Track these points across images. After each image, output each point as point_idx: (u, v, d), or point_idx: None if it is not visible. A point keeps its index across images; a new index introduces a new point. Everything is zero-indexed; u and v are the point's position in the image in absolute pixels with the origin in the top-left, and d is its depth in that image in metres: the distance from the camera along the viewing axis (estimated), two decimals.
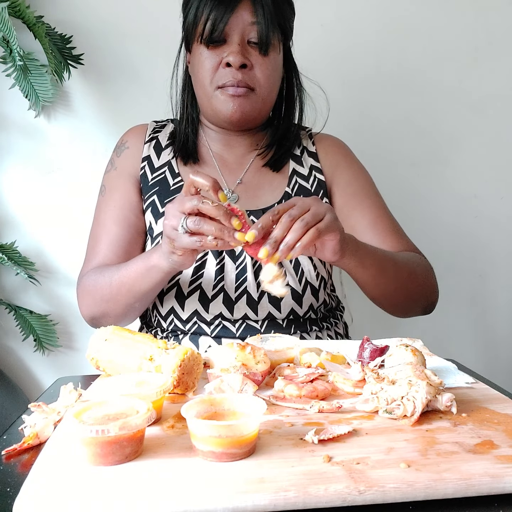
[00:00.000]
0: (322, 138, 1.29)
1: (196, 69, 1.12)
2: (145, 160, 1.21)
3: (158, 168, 1.21)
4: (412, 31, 1.74)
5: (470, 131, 1.81)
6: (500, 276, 1.88)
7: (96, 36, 1.60)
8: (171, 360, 0.76)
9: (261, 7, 1.06)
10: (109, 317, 1.12)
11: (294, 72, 1.23)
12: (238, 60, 1.06)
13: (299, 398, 0.75)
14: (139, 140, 1.24)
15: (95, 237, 1.20)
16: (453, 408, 0.71)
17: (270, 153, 1.21)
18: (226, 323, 1.12)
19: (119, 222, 1.18)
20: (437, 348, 1.03)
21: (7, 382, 1.59)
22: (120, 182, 1.21)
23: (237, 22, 1.06)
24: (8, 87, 1.53)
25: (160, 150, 1.23)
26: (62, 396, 0.76)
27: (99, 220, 1.20)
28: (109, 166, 1.25)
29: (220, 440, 0.58)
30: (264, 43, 1.07)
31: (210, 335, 1.12)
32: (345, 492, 0.53)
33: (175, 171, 1.20)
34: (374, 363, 0.83)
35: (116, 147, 1.26)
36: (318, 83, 1.26)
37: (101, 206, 1.22)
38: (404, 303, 1.16)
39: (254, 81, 1.09)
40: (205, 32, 1.07)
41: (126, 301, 1.07)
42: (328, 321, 1.21)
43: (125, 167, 1.22)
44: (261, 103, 1.12)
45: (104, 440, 0.58)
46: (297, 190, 1.20)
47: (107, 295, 1.08)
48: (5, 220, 1.64)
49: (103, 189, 1.23)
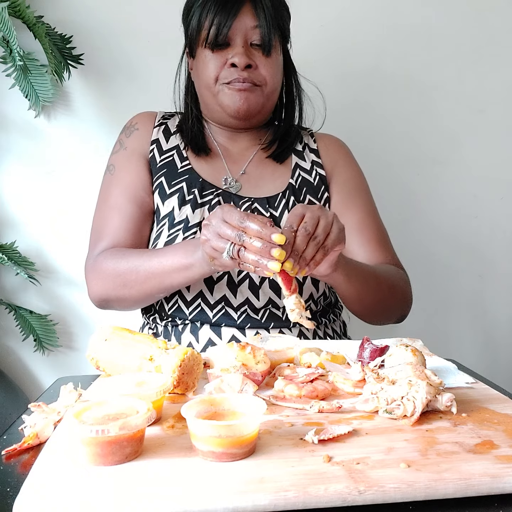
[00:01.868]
0: (323, 136, 1.32)
1: (201, 71, 1.15)
2: (154, 143, 1.23)
3: (166, 151, 1.22)
4: (412, 31, 1.74)
5: (470, 131, 1.81)
6: (500, 276, 1.88)
7: (96, 36, 1.60)
8: (171, 360, 0.76)
9: (262, 10, 1.10)
10: (124, 302, 1.12)
11: (293, 73, 1.26)
12: (243, 61, 1.10)
13: (299, 398, 0.75)
14: (148, 123, 1.25)
15: (104, 217, 1.18)
16: (453, 408, 0.71)
17: (273, 147, 1.25)
18: (229, 309, 1.13)
19: (133, 200, 1.17)
20: (437, 348, 1.03)
21: (7, 382, 1.59)
22: (131, 161, 1.21)
23: (240, 26, 1.10)
24: (8, 87, 1.53)
25: (169, 135, 1.24)
26: (62, 396, 0.76)
27: (109, 199, 1.19)
28: (117, 146, 1.25)
29: (220, 440, 0.58)
30: (267, 45, 1.12)
31: (211, 321, 1.12)
32: (345, 492, 0.53)
33: (183, 155, 1.22)
34: (374, 363, 0.83)
35: (124, 129, 1.27)
36: (315, 84, 1.29)
37: (110, 185, 1.20)
38: (382, 315, 1.20)
39: (259, 79, 1.13)
40: (210, 36, 1.10)
41: (152, 291, 1.07)
42: (326, 317, 1.22)
43: (135, 148, 1.22)
44: (266, 98, 1.16)
45: (104, 440, 0.58)
46: (300, 182, 1.23)
47: (132, 282, 1.06)
48: (5, 220, 1.64)
49: (111, 168, 1.22)
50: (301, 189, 1.22)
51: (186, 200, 1.16)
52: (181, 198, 1.16)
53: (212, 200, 1.16)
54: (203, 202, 1.16)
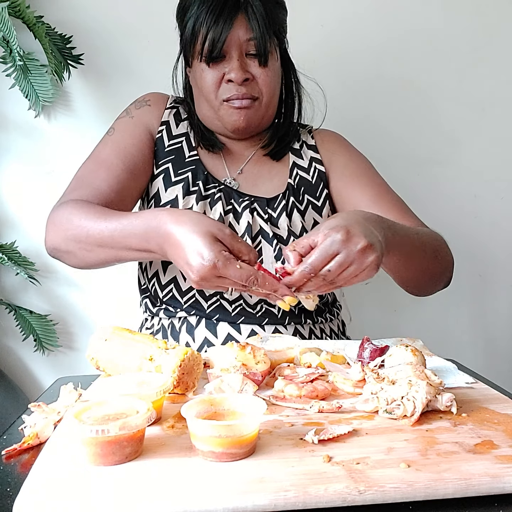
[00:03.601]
0: (320, 131, 1.33)
1: (200, 84, 1.14)
2: (164, 124, 1.21)
3: (176, 136, 1.21)
4: (412, 31, 1.74)
5: (470, 131, 1.81)
6: (500, 276, 1.88)
7: (96, 36, 1.60)
8: (171, 360, 0.76)
9: (256, 21, 1.07)
10: (74, 259, 1.05)
11: (292, 71, 1.25)
12: (239, 76, 1.09)
13: (299, 398, 0.75)
14: (161, 103, 1.24)
15: (91, 169, 1.13)
16: (453, 408, 0.71)
17: (271, 145, 1.25)
18: (224, 302, 1.13)
19: (126, 162, 1.14)
20: (437, 348, 1.03)
21: (7, 382, 1.59)
22: (135, 129, 1.18)
23: (234, 40, 1.08)
24: (8, 87, 1.53)
25: (179, 120, 1.24)
26: (62, 396, 0.76)
27: (100, 154, 1.15)
28: (124, 113, 1.22)
29: (220, 440, 0.58)
30: (262, 55, 1.10)
31: (206, 313, 1.12)
32: (345, 492, 0.53)
33: (193, 145, 1.21)
34: (374, 363, 0.83)
35: (135, 101, 1.24)
36: (315, 80, 1.28)
37: (105, 144, 1.17)
38: (429, 283, 1.16)
39: (257, 91, 1.12)
40: (204, 51, 1.09)
41: (103, 258, 1.01)
42: (323, 316, 1.21)
43: (143, 120, 1.20)
44: (265, 109, 1.16)
45: (104, 440, 0.58)
46: (298, 182, 1.23)
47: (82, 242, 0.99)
48: (5, 220, 1.64)
49: (111, 130, 1.19)
50: (299, 189, 1.22)
51: (191, 190, 1.16)
52: (185, 188, 1.16)
53: (214, 195, 1.17)
54: (206, 195, 1.17)
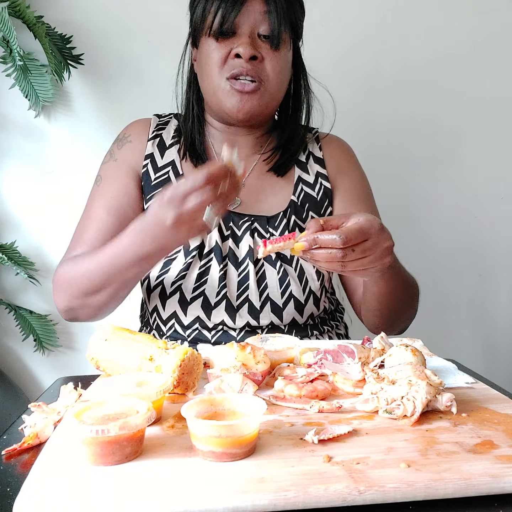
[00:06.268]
0: (329, 140, 1.26)
1: (204, 62, 1.09)
2: (148, 158, 1.18)
3: (161, 168, 1.18)
4: (413, 31, 1.74)
5: (470, 131, 1.81)
6: (500, 276, 1.88)
7: (96, 36, 1.60)
8: (171, 360, 0.76)
9: (274, 1, 1.04)
10: (88, 309, 1.06)
11: (302, 73, 1.20)
12: (248, 51, 1.03)
13: (299, 398, 0.75)
14: (142, 136, 1.20)
15: (84, 226, 1.15)
16: (453, 408, 0.71)
17: (275, 157, 1.19)
18: (228, 329, 1.12)
19: (113, 212, 1.13)
20: (437, 348, 1.03)
21: (7, 382, 1.59)
22: (119, 173, 1.17)
23: (248, 13, 1.03)
24: (8, 87, 1.53)
25: (164, 149, 1.20)
26: (62, 396, 0.76)
27: (91, 209, 1.16)
28: (108, 157, 1.21)
29: (220, 440, 0.58)
30: (275, 37, 1.05)
31: (211, 340, 1.11)
32: (345, 492, 0.53)
33: (179, 172, 1.17)
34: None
35: (117, 140, 1.22)
36: (326, 86, 1.23)
37: (94, 195, 1.17)
38: (398, 321, 1.15)
39: (263, 74, 1.06)
40: (215, 24, 1.04)
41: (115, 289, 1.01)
42: (328, 324, 1.21)
43: (126, 160, 1.18)
44: (269, 97, 1.09)
45: (104, 440, 0.58)
46: (303, 198, 1.19)
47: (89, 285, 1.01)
48: (5, 220, 1.64)
49: (98, 179, 1.19)
50: (303, 206, 1.18)
51: None
52: None
53: None
54: None
